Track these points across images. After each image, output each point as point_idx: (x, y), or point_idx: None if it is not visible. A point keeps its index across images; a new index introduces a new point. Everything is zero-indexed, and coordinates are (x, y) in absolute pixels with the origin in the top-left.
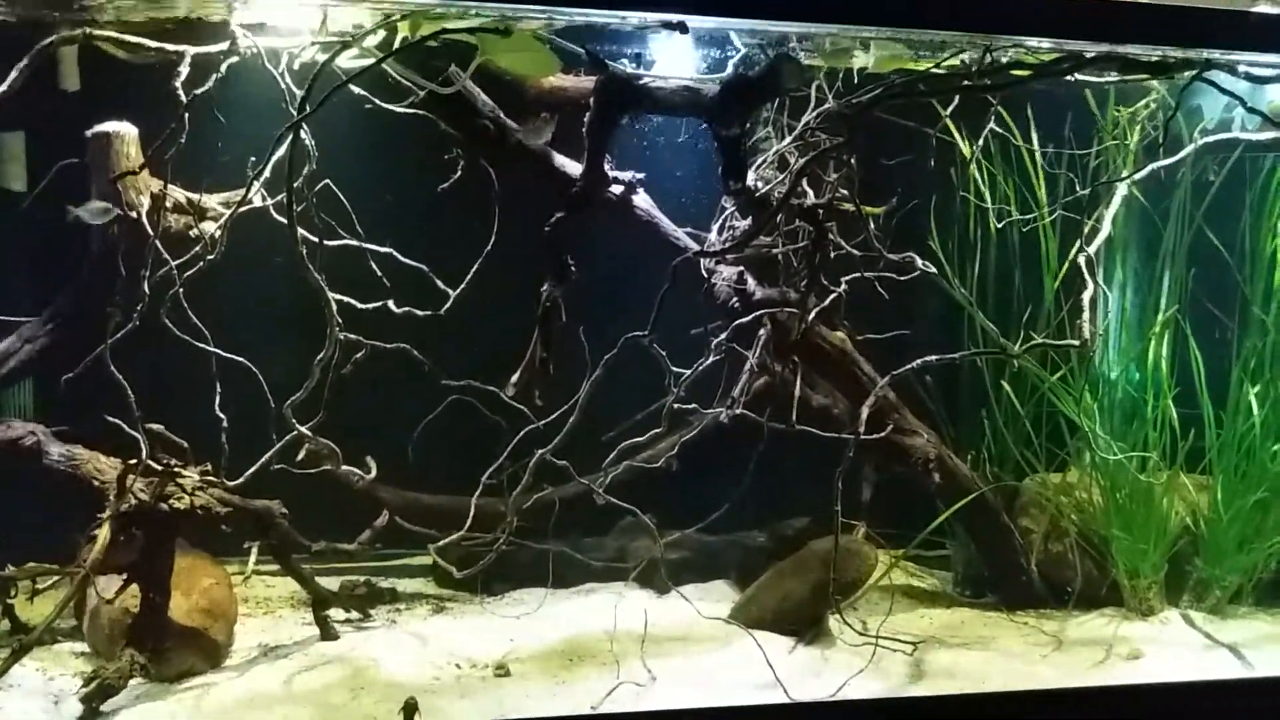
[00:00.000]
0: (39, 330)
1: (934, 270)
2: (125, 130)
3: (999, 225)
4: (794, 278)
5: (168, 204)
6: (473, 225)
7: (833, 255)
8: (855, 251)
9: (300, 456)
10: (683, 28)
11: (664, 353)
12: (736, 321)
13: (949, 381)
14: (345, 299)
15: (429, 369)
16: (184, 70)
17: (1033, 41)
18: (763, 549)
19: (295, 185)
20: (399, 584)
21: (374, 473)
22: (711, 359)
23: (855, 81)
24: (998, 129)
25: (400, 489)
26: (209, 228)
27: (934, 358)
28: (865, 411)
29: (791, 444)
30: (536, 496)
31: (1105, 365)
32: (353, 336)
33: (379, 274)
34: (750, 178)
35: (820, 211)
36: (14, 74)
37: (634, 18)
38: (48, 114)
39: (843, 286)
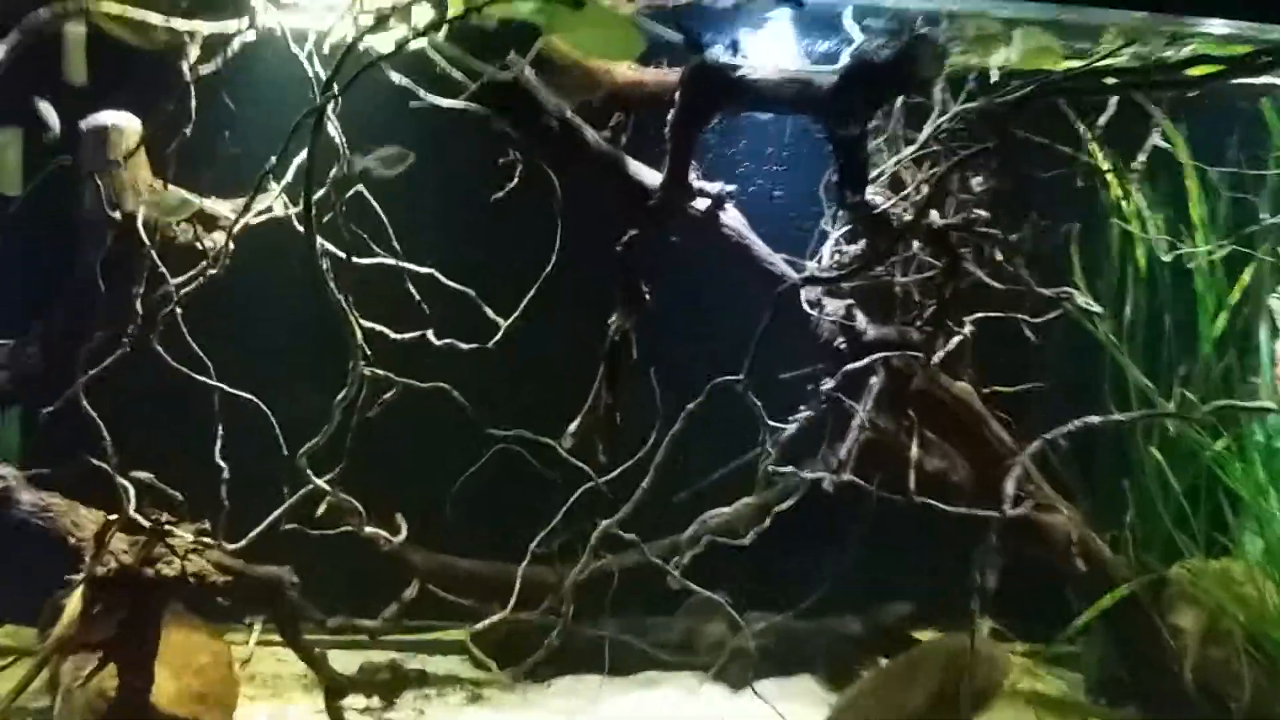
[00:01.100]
0: (20, 354)
1: (1100, 310)
2: (126, 123)
3: (1166, 257)
4: (914, 314)
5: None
6: (529, 243)
7: (964, 288)
8: (997, 284)
9: (317, 514)
10: (797, 1)
11: (759, 403)
12: (845, 367)
13: (1082, 444)
14: (375, 326)
15: (472, 415)
16: (194, 50)
17: (1220, 28)
18: (857, 639)
19: (318, 189)
20: (428, 663)
21: (404, 533)
22: (812, 411)
23: (992, 81)
24: (1164, 143)
25: (434, 552)
26: (218, 239)
27: (1095, 419)
28: (1011, 486)
29: (891, 514)
30: (593, 567)
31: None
32: (381, 373)
33: (416, 298)
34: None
35: (953, 234)
36: (3, 50)
37: None
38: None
39: (968, 327)
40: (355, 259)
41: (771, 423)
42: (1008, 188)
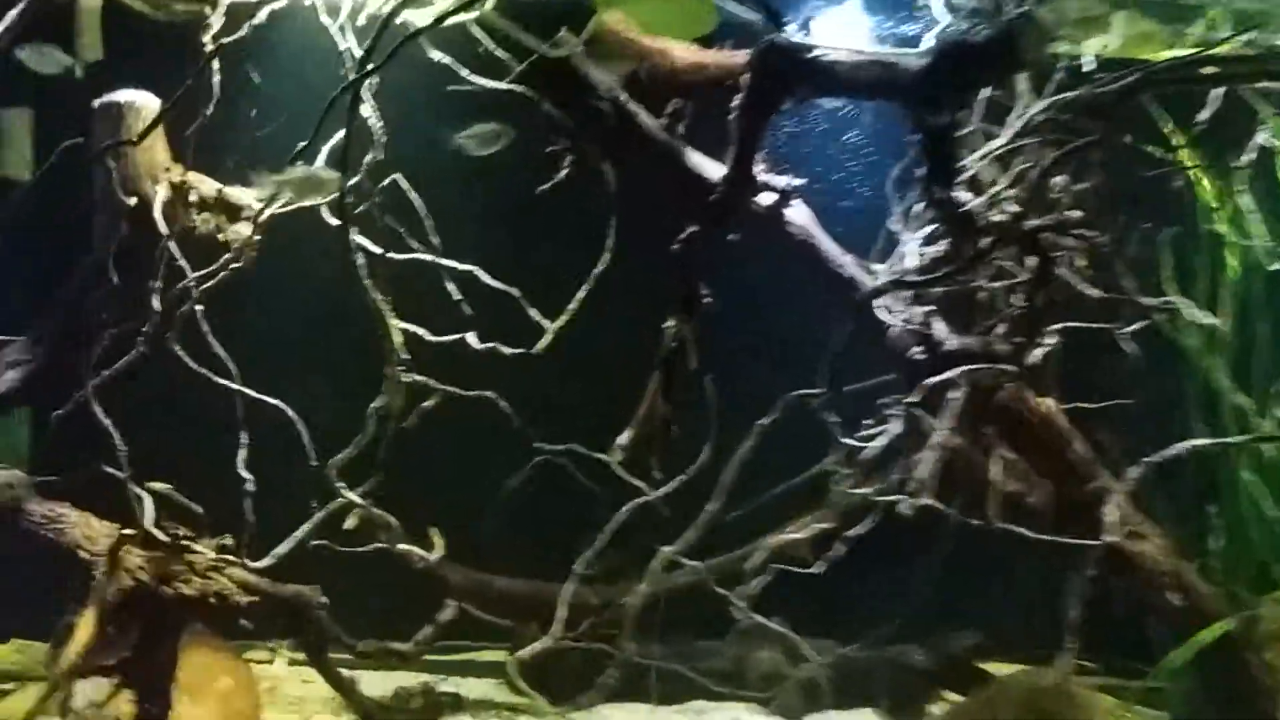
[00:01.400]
0: (28, 351)
1: (1215, 320)
2: (142, 101)
3: (1272, 266)
4: (994, 322)
5: (191, 198)
6: (580, 239)
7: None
8: (1096, 292)
9: (347, 527)
10: None
11: (835, 419)
12: (924, 381)
13: (1167, 467)
14: (412, 328)
15: (519, 425)
16: (215, 20)
17: None
18: (922, 670)
19: (353, 178)
20: (462, 686)
21: (439, 550)
22: (889, 429)
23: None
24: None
25: (470, 570)
26: (242, 230)
27: (1198, 442)
28: (1112, 513)
29: (960, 536)
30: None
31: None
32: (420, 379)
33: (457, 297)
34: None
35: (1047, 236)
36: (8, 19)
37: None
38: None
39: (1053, 338)
40: (391, 254)
41: (845, 440)
42: (1107, 186)
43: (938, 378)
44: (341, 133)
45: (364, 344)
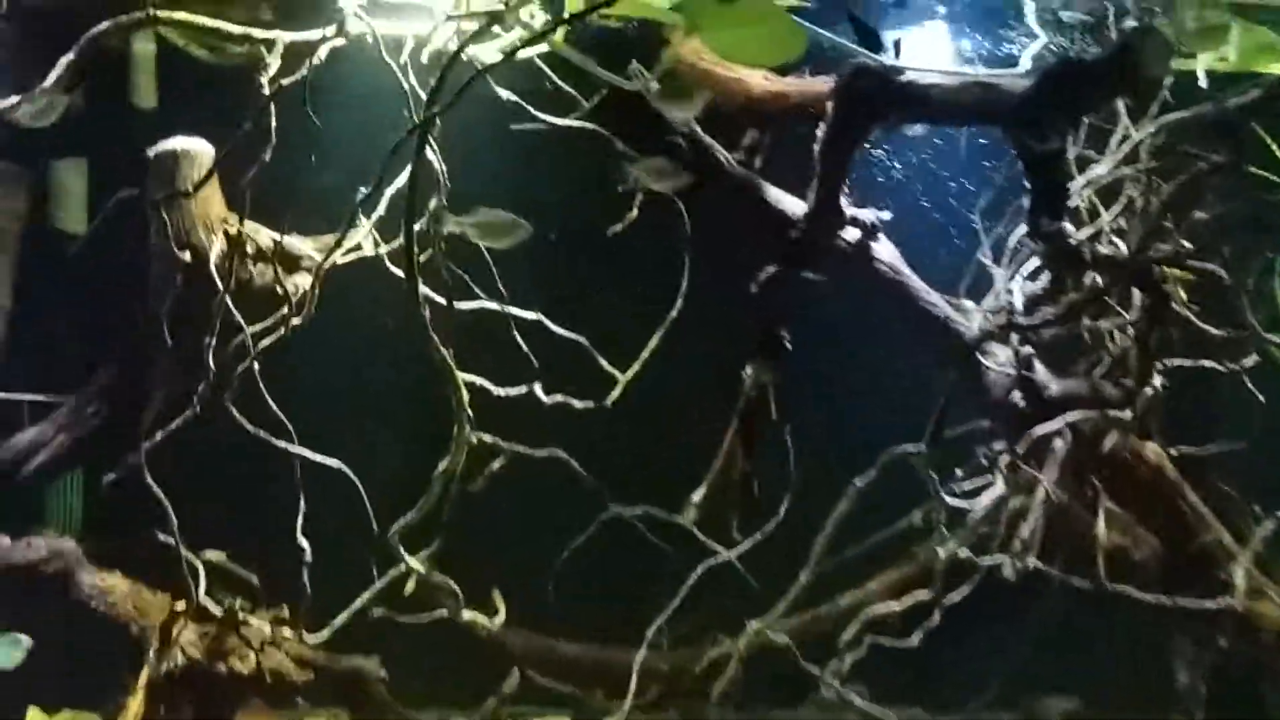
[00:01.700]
0: (79, 412)
1: None
2: (197, 149)
3: None
4: (1092, 362)
5: (247, 249)
6: (653, 282)
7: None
8: (1217, 332)
9: (407, 593)
10: None
11: (934, 476)
12: (1029, 431)
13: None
14: (477, 380)
15: (589, 485)
16: (273, 62)
17: None
18: None
19: (418, 224)
20: None
21: (502, 615)
22: (989, 487)
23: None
24: None
25: (535, 634)
26: (301, 282)
27: None
28: (1238, 575)
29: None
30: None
31: None
32: (487, 438)
33: (523, 349)
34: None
35: (1163, 270)
36: (61, 67)
37: None
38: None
39: (1156, 381)
40: (457, 304)
41: (947, 498)
42: (1225, 213)
43: (1044, 428)
44: (405, 174)
45: (425, 396)
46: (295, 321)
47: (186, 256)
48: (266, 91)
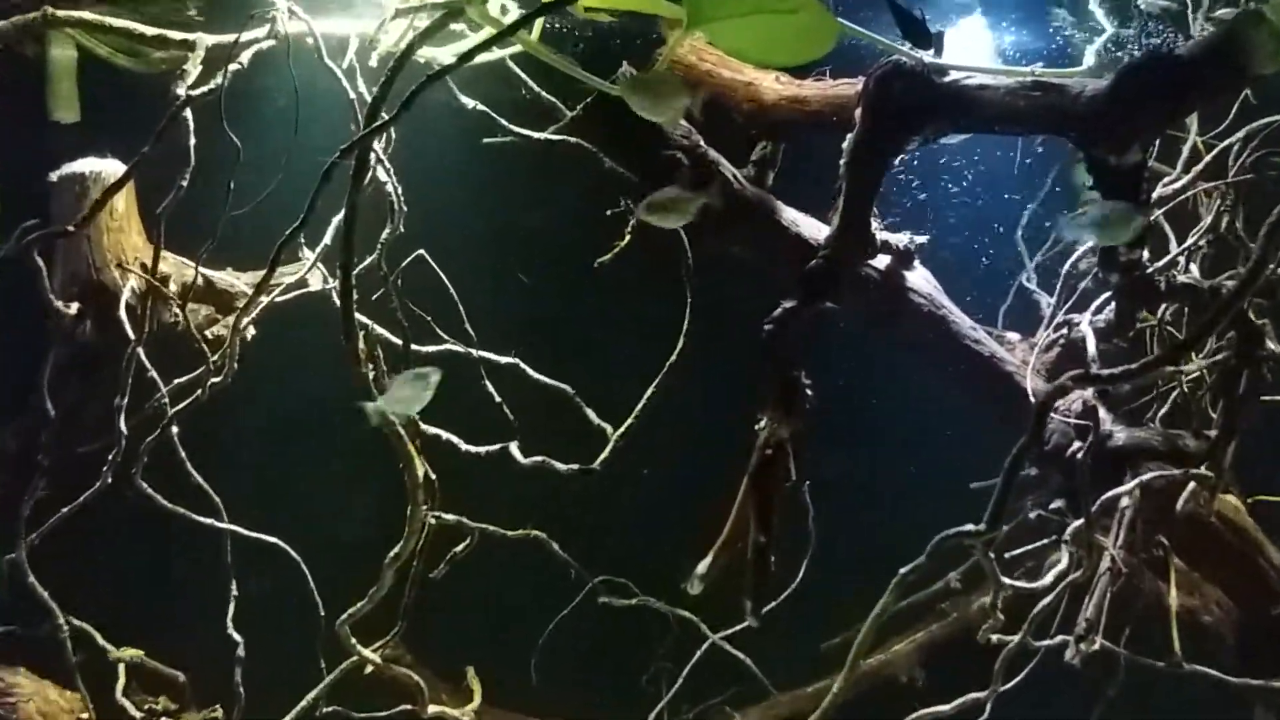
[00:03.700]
0: None
1: None
2: (110, 171)
3: None
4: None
5: (167, 285)
6: (649, 320)
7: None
8: None
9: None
10: None
11: (992, 558)
12: (1098, 492)
13: None
14: (443, 435)
15: (570, 568)
16: (192, 69)
17: None
18: None
19: (358, 257)
20: None
21: (478, 699)
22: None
23: None
24: None
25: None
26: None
27: None
28: None
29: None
30: None
31: None
32: (449, 518)
33: (496, 398)
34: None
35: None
36: None
37: None
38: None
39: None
40: (416, 347)
41: (1010, 581)
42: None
43: (1113, 493)
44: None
45: (385, 453)
46: (215, 381)
47: (72, 308)
48: (181, 99)
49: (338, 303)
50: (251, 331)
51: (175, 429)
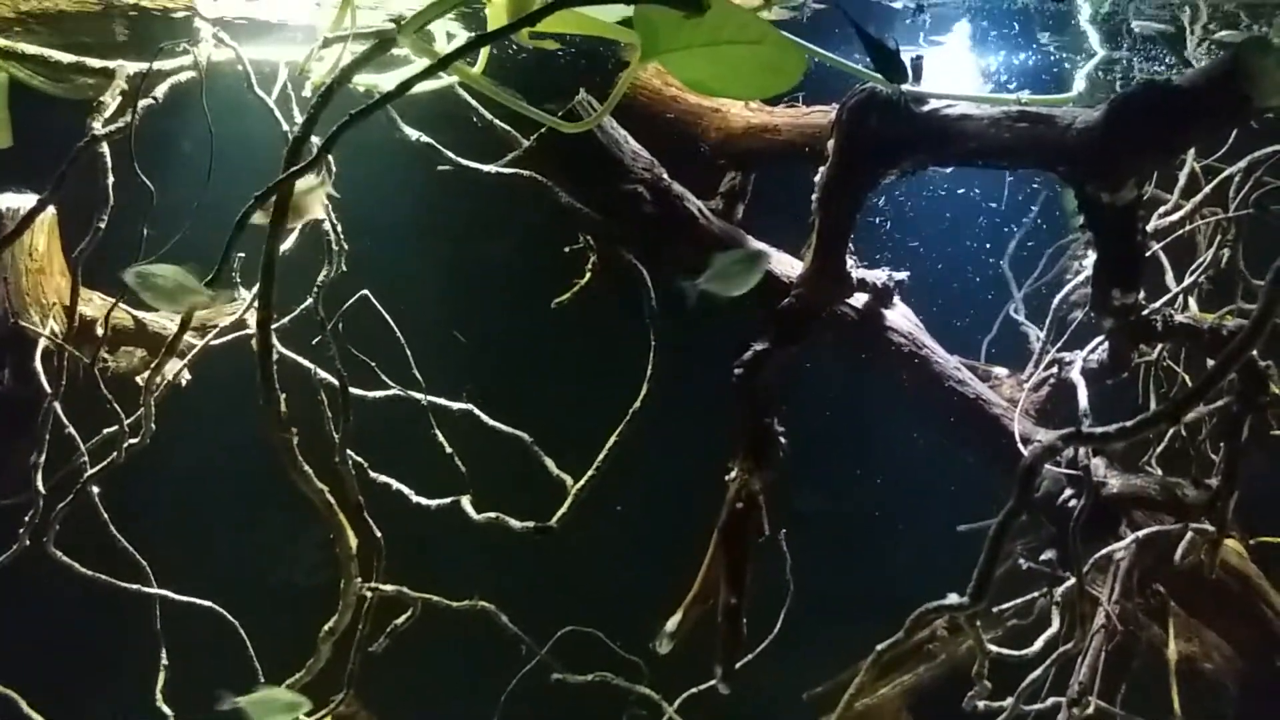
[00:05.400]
0: None
1: None
2: (27, 206)
3: None
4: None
5: (93, 329)
6: (611, 363)
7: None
8: None
9: None
10: None
11: (980, 629)
12: (1088, 540)
13: None
14: (395, 484)
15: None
16: (110, 100)
17: None
18: None
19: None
20: None
21: None
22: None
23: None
24: None
25: None
26: (169, 369)
27: None
28: None
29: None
30: None
31: None
32: (389, 590)
33: (446, 449)
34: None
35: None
36: None
37: None
38: None
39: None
40: (356, 390)
41: (996, 648)
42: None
43: (1107, 550)
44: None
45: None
46: (132, 442)
47: None
48: (98, 133)
49: (256, 362)
50: (187, 376)
51: (96, 489)
